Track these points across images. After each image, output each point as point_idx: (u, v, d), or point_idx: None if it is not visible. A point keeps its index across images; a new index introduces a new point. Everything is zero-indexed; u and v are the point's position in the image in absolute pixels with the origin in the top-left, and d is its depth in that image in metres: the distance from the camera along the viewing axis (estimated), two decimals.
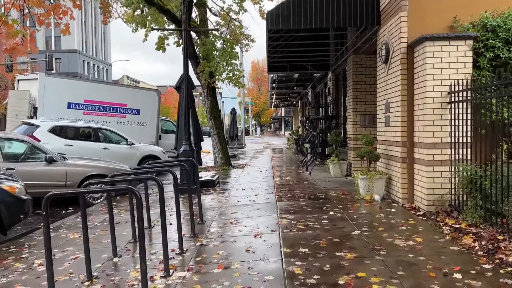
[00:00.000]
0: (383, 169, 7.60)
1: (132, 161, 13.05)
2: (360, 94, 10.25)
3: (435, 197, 6.08)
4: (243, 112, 32.89)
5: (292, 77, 17.46)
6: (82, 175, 9.13)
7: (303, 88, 19.81)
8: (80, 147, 12.18)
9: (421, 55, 6.21)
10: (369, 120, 10.20)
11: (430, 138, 6.06)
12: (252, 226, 5.68)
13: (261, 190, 8.73)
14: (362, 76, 10.23)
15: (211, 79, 13.20)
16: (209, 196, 8.62)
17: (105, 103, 15.80)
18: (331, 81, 13.60)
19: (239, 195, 8.36)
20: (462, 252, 4.31)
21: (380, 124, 7.81)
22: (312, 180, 10.10)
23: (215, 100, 14.31)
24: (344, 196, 7.65)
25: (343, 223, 5.61)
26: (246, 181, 10.47)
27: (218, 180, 10.53)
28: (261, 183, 9.90)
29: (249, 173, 12.43)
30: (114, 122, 15.93)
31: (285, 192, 8.29)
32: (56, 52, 66.65)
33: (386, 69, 7.38)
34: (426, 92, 6.07)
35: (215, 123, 14.23)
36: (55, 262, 4.72)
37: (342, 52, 11.44)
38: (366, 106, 10.24)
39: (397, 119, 6.85)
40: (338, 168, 10.36)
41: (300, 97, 25.98)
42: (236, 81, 13.40)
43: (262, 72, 65.79)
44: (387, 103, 7.30)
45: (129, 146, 13.05)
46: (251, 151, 24.52)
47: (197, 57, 13.74)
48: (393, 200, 7.03)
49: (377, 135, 7.98)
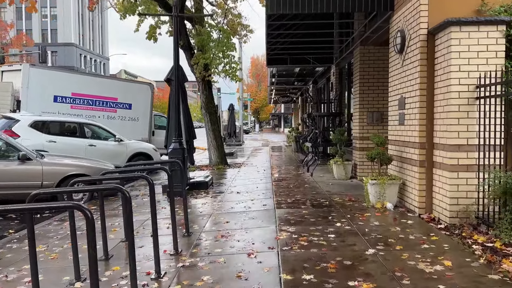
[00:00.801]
0: (395, 173, 6.75)
1: (120, 159, 12.19)
2: (367, 89, 9.38)
3: (459, 208, 5.23)
4: (241, 108, 31.97)
5: (293, 71, 16.58)
6: (60, 175, 8.26)
7: (304, 84, 18.94)
8: (63, 144, 11.31)
9: (445, 42, 5.35)
10: (377, 117, 9.34)
11: (454, 139, 5.20)
12: (246, 240, 4.82)
13: (258, 194, 7.87)
14: (369, 69, 9.36)
15: (206, 72, 12.32)
16: (200, 200, 7.76)
17: (95, 96, 14.92)
18: (334, 75, 12.73)
19: (234, 200, 7.51)
20: (505, 283, 3.46)
21: (393, 122, 6.95)
22: (314, 182, 9.25)
23: (210, 94, 13.43)
24: (351, 202, 6.80)
25: (353, 239, 4.76)
26: (242, 183, 9.62)
27: (212, 181, 9.67)
28: (258, 185, 9.04)
29: (246, 173, 11.57)
30: (104, 117, 15.06)
31: (284, 197, 7.44)
32: (52, 45, 65.59)
33: (401, 60, 6.51)
34: (451, 86, 5.21)
35: (210, 119, 13.37)
36: (4, 286, 3.86)
37: (348, 44, 10.56)
38: (374, 103, 9.37)
39: (414, 117, 6.00)
40: (342, 170, 9.51)
41: (301, 93, 25.10)
42: (233, 75, 12.53)
43: (262, 68, 64.92)
44: (402, 98, 6.44)
45: (117, 142, 12.19)
46: (249, 148, 23.66)
47: (191, 48, 12.86)
48: (408, 209, 6.18)
49: (389, 134, 7.12)
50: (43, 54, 32.80)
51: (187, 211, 5.41)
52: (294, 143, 20.02)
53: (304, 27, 9.97)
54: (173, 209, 4.92)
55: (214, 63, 12.06)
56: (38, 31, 65.91)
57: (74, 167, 8.55)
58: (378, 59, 9.32)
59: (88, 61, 68.70)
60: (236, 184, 9.45)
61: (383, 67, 9.30)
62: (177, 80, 8.25)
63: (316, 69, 15.94)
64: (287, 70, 16.08)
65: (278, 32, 9.88)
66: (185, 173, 8.33)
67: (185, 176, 8.32)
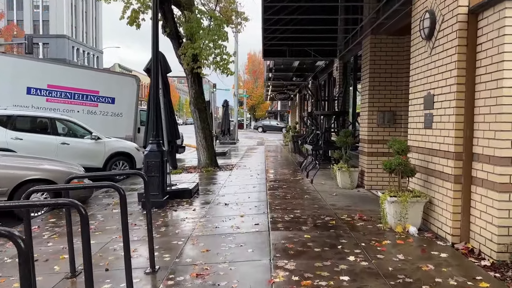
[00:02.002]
0: (418, 187, 5.50)
1: (97, 159, 10.90)
2: (378, 86, 8.13)
3: (510, 240, 4.00)
4: (236, 105, 30.65)
5: (292, 65, 15.29)
6: (16, 180, 6.96)
7: (303, 80, 17.69)
8: (31, 142, 10.01)
9: (495, 23, 4.09)
10: (389, 118, 8.10)
11: (505, 150, 3.95)
12: (229, 285, 3.55)
13: (249, 208, 6.61)
14: (381, 62, 8.10)
15: (194, 64, 11.01)
16: (180, 213, 6.49)
17: (73, 89, 13.57)
18: (338, 70, 11.46)
19: (220, 215, 6.23)
20: None
21: (415, 125, 5.69)
22: (315, 192, 8.00)
23: (200, 89, 12.14)
24: (363, 222, 5.54)
25: (375, 285, 3.51)
26: (233, 191, 8.35)
27: (197, 188, 8.40)
28: (250, 195, 7.78)
29: (238, 177, 10.30)
30: (84, 112, 13.72)
31: (281, 212, 6.17)
32: (43, 37, 63.93)
33: (428, 48, 5.25)
34: (502, 80, 3.95)
35: (199, 116, 12.08)
36: None
37: (355, 34, 9.29)
38: (386, 101, 8.13)
39: (446, 119, 4.74)
40: (347, 177, 8.26)
41: (299, 90, 23.82)
42: (224, 67, 11.22)
43: (259, 65, 63.72)
44: (429, 95, 5.18)
45: (94, 141, 10.87)
46: (243, 147, 22.39)
47: (179, 36, 11.55)
48: (436, 235, 4.93)
49: (409, 139, 5.87)
50: (29, 44, 31.55)
51: (162, 231, 4.14)
52: (291, 143, 18.77)
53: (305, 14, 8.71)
54: (151, 232, 3.68)
55: (204, 53, 10.75)
56: (29, 22, 64.10)
57: (34, 170, 7.25)
58: (392, 51, 8.06)
59: (81, 54, 66.95)
60: (225, 193, 8.18)
61: (398, 60, 8.06)
62: (156, 69, 6.95)
63: (317, 63, 14.67)
64: (286, 63, 14.80)
65: (278, 16, 8.59)
66: (164, 180, 7.06)
67: (164, 183, 7.06)
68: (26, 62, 13.11)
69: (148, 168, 6.92)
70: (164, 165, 7.05)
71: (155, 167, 6.90)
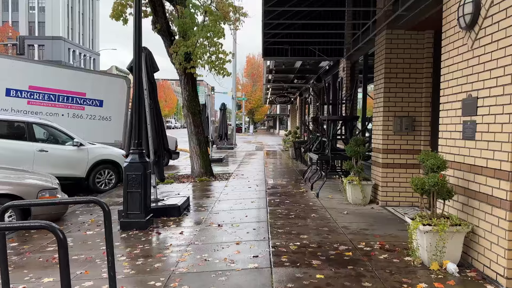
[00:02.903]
0: (456, 212, 4.48)
1: (79, 168, 9.86)
2: (394, 87, 7.13)
3: None
4: (234, 108, 29.62)
5: (293, 66, 14.30)
6: None
7: (304, 82, 16.71)
8: (4, 149, 8.98)
9: None
10: (407, 124, 7.09)
11: None
12: None
13: (246, 231, 5.57)
14: (398, 61, 7.11)
15: (187, 63, 10.00)
16: (163, 238, 5.46)
17: (58, 90, 12.54)
18: (344, 71, 10.47)
19: (211, 241, 5.20)
20: None
21: (449, 134, 4.68)
22: (323, 209, 6.97)
23: (194, 91, 11.12)
24: (386, 254, 4.51)
25: None
26: (228, 207, 7.32)
27: (188, 203, 7.37)
28: (248, 213, 6.75)
29: (235, 189, 9.28)
30: (69, 116, 12.72)
31: (285, 238, 5.15)
32: (39, 39, 62.85)
33: (469, 40, 4.25)
34: None
35: (193, 120, 11.05)
36: None
37: (366, 29, 8.30)
38: (403, 105, 7.12)
39: (496, 128, 3.74)
40: (359, 192, 7.24)
41: (300, 93, 22.81)
42: (220, 68, 10.22)
43: (258, 68, 62.94)
44: (471, 99, 4.17)
45: (76, 147, 9.83)
46: (241, 153, 21.37)
47: (171, 33, 10.55)
48: (483, 275, 3.91)
49: (441, 151, 4.85)
50: (21, 45, 30.74)
51: (130, 272, 3.11)
52: (292, 149, 17.76)
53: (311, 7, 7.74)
54: None
55: (198, 51, 9.75)
56: (25, 23, 63.08)
57: None
58: (410, 48, 7.07)
59: (77, 56, 65.89)
60: (219, 209, 7.15)
61: (417, 58, 7.07)
62: (138, 66, 5.93)
63: (321, 64, 13.68)
64: (287, 64, 13.80)
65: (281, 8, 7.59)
66: (147, 196, 6.03)
67: (147, 200, 6.03)
68: (4, 61, 12.08)
69: (128, 182, 5.89)
70: (147, 179, 6.02)
71: (136, 182, 5.87)
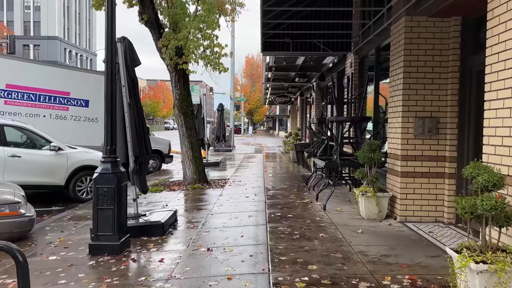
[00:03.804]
0: None
1: (58, 175, 8.85)
2: (415, 83, 6.11)
3: None
4: (232, 108, 28.58)
5: (295, 63, 13.28)
6: None
7: (306, 81, 15.71)
8: None
9: None
10: (430, 126, 6.08)
11: None
12: None
13: (242, 259, 4.54)
14: (420, 52, 6.09)
15: (179, 58, 9.00)
16: (138, 268, 4.43)
17: (39, 89, 11.54)
18: (353, 67, 9.45)
19: (197, 275, 4.17)
20: None
21: (502, 140, 3.66)
22: (332, 226, 5.95)
23: (186, 89, 10.10)
24: None
25: None
26: (221, 223, 6.28)
27: (175, 218, 6.34)
28: (244, 231, 5.72)
29: (230, 199, 8.26)
30: (52, 117, 11.71)
31: (289, 271, 4.12)
32: (34, 38, 61.77)
33: None
34: None
35: (185, 121, 10.03)
36: None
37: (379, 18, 7.29)
38: (425, 103, 6.11)
39: None
40: (374, 206, 6.21)
41: (301, 92, 21.79)
42: (216, 63, 9.22)
43: (257, 68, 62.02)
44: None
45: (54, 152, 8.81)
46: (239, 155, 20.36)
47: (160, 25, 9.53)
48: None
49: (487, 161, 3.83)
50: (11, 44, 29.82)
51: None
52: (292, 151, 16.74)
53: None
54: None
55: (190, 45, 8.73)
56: (20, 23, 62.02)
57: None
58: (434, 37, 6.06)
59: (74, 56, 64.79)
60: (210, 226, 6.12)
61: (441, 50, 6.06)
62: (111, 55, 4.91)
63: (324, 61, 12.66)
64: (289, 60, 12.77)
65: None
66: (121, 213, 5.00)
67: (121, 218, 5.01)
68: None
69: (98, 197, 4.87)
70: (122, 193, 4.99)
71: (107, 197, 4.85)
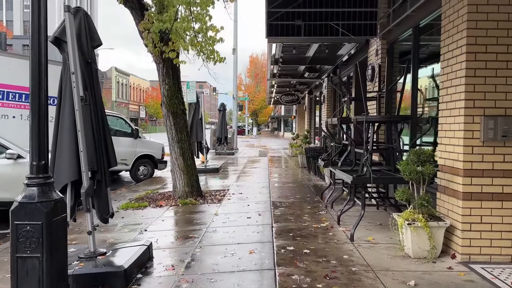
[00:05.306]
0: None
1: (15, 188, 7.09)
2: (483, 68, 4.35)
3: None
4: (235, 108, 26.85)
5: (305, 55, 11.50)
6: None
7: (317, 76, 13.95)
8: None
9: None
10: (506, 128, 4.31)
11: None
12: None
13: None
14: (490, 25, 4.33)
15: (165, 46, 7.29)
16: None
17: (6, 86, 9.90)
18: (379, 54, 7.68)
19: None
20: None
21: None
22: (368, 269, 4.19)
23: (176, 84, 8.37)
24: None
25: None
26: (211, 266, 4.53)
27: (149, 257, 4.60)
28: (244, 278, 3.98)
29: (227, 221, 6.51)
30: (22, 118, 10.06)
31: None
32: None
33: None
34: None
35: (175, 123, 8.31)
36: None
37: None
38: (498, 97, 4.35)
39: None
40: (425, 239, 4.44)
41: (309, 90, 20.00)
42: (210, 51, 7.51)
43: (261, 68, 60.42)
44: None
45: (12, 161, 7.15)
46: (242, 159, 18.64)
47: (143, 6, 7.81)
48: None
49: None
50: (2, 41, 28.74)
51: None
52: (301, 155, 15.00)
53: None
54: None
55: (178, 27, 7.02)
56: (19, 22, 60.68)
57: None
58: (510, 3, 4.30)
59: None
60: (195, 270, 4.36)
61: None
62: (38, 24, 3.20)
63: (339, 51, 10.90)
64: (298, 49, 10.98)
65: None
66: (60, 263, 3.27)
67: (56, 269, 3.27)
68: None
69: (18, 240, 3.14)
70: (57, 232, 3.26)
71: (31, 239, 3.12)
